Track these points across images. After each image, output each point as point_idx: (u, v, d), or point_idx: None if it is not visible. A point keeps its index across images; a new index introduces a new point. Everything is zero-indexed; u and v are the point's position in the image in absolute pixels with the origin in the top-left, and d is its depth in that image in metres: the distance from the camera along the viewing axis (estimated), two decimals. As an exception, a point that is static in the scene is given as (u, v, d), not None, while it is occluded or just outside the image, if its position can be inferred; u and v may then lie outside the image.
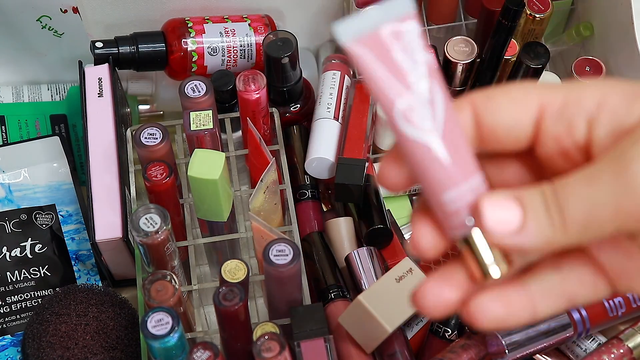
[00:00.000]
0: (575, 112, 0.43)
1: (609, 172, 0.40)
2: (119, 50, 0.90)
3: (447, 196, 0.42)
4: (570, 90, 0.44)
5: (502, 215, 0.41)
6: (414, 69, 0.42)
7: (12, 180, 0.90)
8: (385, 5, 0.43)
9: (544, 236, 0.41)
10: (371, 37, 0.42)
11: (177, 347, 0.72)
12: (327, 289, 0.83)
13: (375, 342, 0.77)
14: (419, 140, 0.42)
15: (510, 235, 0.41)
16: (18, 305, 0.84)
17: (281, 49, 0.88)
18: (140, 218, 0.76)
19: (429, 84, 0.42)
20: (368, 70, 0.42)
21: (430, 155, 0.42)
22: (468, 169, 0.43)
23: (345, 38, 0.42)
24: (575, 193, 0.40)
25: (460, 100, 0.45)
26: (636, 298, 0.75)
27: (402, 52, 0.42)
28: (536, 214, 0.41)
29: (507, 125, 0.44)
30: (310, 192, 0.89)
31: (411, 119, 0.42)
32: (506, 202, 0.41)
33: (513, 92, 0.44)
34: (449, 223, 0.43)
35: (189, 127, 0.81)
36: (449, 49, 0.88)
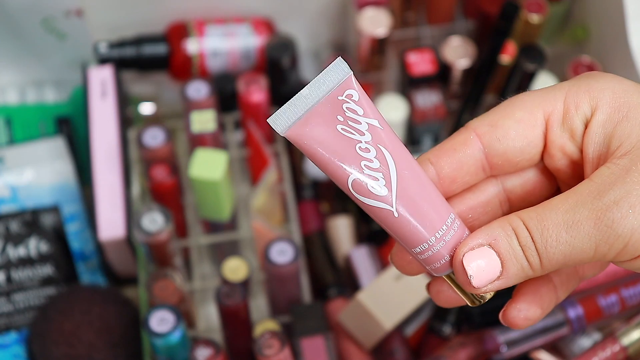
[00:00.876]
0: (575, 118, 0.44)
1: (588, 220, 0.41)
2: (123, 52, 0.90)
3: (417, 249, 0.43)
4: (567, 94, 0.44)
5: (482, 268, 0.42)
6: (359, 139, 0.42)
7: (16, 181, 0.90)
8: (318, 81, 0.42)
9: (521, 277, 0.42)
10: (308, 121, 0.42)
11: (179, 344, 0.72)
12: (326, 287, 0.84)
13: (374, 340, 0.77)
14: (378, 207, 0.42)
15: (491, 282, 0.42)
16: (23, 304, 0.85)
17: (282, 50, 0.88)
18: (143, 218, 0.77)
19: (376, 152, 0.42)
20: (312, 155, 0.42)
21: (393, 218, 0.42)
22: (435, 219, 0.43)
23: (280, 129, 0.42)
24: (553, 237, 0.41)
25: (464, 131, 0.45)
26: (631, 296, 0.76)
27: (344, 125, 0.42)
28: (514, 260, 0.42)
29: (518, 148, 0.44)
30: (310, 192, 0.90)
31: (365, 191, 0.42)
32: (483, 254, 0.42)
33: (517, 113, 0.44)
34: (427, 268, 0.44)
35: (191, 128, 0.82)
36: (447, 50, 0.89)
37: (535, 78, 0.84)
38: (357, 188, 0.42)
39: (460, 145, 0.45)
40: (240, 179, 0.90)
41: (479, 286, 0.42)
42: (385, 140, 0.42)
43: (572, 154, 0.44)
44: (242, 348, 0.76)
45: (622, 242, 0.41)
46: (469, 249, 0.42)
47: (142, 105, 0.93)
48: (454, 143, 0.45)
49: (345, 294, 0.83)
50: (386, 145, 0.42)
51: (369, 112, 0.42)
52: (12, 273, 0.85)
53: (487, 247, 0.42)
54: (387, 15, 0.89)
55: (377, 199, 0.42)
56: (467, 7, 0.96)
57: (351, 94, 0.42)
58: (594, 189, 0.41)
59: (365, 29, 0.88)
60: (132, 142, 0.87)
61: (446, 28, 0.95)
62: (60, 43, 0.93)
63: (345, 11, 0.96)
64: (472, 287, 0.42)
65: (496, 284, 0.42)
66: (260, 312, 0.85)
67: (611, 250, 0.41)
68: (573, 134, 0.44)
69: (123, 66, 0.91)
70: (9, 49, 0.94)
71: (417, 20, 0.95)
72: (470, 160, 0.45)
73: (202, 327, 0.82)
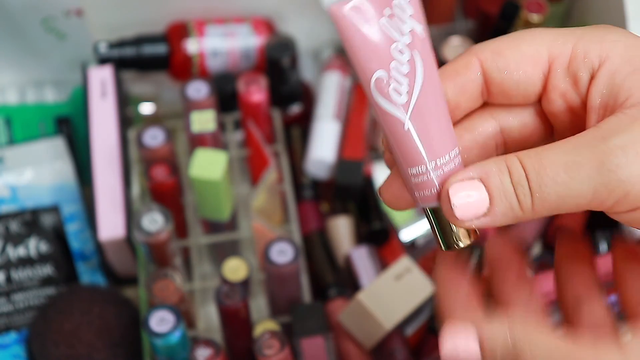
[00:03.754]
0: (581, 66, 0.43)
1: (590, 162, 0.39)
2: (123, 52, 0.90)
3: (413, 170, 0.42)
4: (579, 40, 0.43)
5: (469, 200, 0.40)
6: (398, 38, 0.40)
7: (16, 181, 0.90)
8: None
9: (510, 217, 0.41)
10: (357, 3, 0.40)
11: (179, 344, 0.72)
12: (327, 287, 0.84)
13: (374, 340, 0.77)
14: (392, 113, 0.41)
15: (476, 218, 0.40)
16: (23, 304, 0.85)
17: (282, 50, 0.88)
18: (143, 218, 0.77)
19: (410, 56, 0.41)
20: (348, 38, 0.40)
21: (401, 129, 0.41)
22: (441, 145, 0.42)
23: (328, 1, 0.40)
24: (550, 176, 0.40)
25: (467, 55, 0.44)
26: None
27: (389, 19, 0.40)
28: (503, 197, 0.40)
29: (516, 81, 0.43)
30: (310, 192, 0.90)
31: (386, 92, 0.41)
32: (472, 186, 0.40)
33: (523, 46, 0.43)
34: (414, 194, 0.43)
35: (191, 128, 0.82)
36: (446, 50, 0.89)
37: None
38: (379, 86, 0.41)
39: (462, 69, 0.43)
40: (240, 179, 0.90)
41: (462, 219, 0.40)
42: (422, 48, 0.41)
43: (573, 102, 0.43)
44: (242, 348, 0.76)
45: (624, 189, 0.39)
46: (458, 179, 0.41)
47: (142, 105, 0.94)
48: (456, 67, 0.44)
49: (345, 294, 0.83)
50: (422, 53, 0.41)
51: (417, 15, 0.41)
52: (12, 273, 0.85)
53: (477, 180, 0.40)
54: (387, 15, 0.88)
55: (394, 104, 0.41)
56: (467, 7, 0.96)
57: None
58: (599, 133, 0.40)
59: (365, 29, 0.88)
60: (132, 142, 0.87)
61: (446, 28, 0.95)
62: (60, 43, 0.93)
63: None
64: (455, 218, 0.41)
65: (482, 220, 0.40)
66: (260, 312, 0.85)
67: (610, 196, 0.39)
68: (576, 82, 0.43)
69: (123, 66, 0.91)
70: (9, 49, 0.94)
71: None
72: (472, 84, 0.44)
73: (202, 327, 0.82)
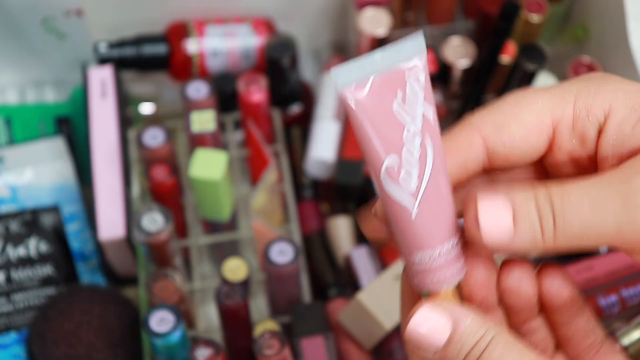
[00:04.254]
0: (587, 124, 0.42)
1: (615, 198, 0.39)
2: (123, 52, 0.90)
3: (416, 258, 0.42)
4: (578, 98, 0.42)
5: (495, 221, 0.40)
6: (410, 123, 0.40)
7: (16, 181, 0.90)
8: (394, 49, 0.40)
9: (531, 244, 0.40)
10: (370, 85, 0.39)
11: (179, 344, 0.72)
12: (327, 287, 0.84)
13: (374, 340, 0.77)
14: (399, 201, 0.40)
15: (498, 240, 0.40)
16: (23, 304, 0.85)
17: (282, 50, 0.88)
18: (143, 218, 0.77)
19: (422, 141, 0.40)
20: (358, 124, 0.40)
21: (408, 217, 0.41)
22: (445, 233, 0.41)
23: (340, 83, 0.39)
24: (575, 207, 0.39)
25: (468, 130, 0.43)
26: (631, 296, 0.76)
27: (401, 103, 0.40)
28: (527, 223, 0.40)
29: (522, 151, 0.43)
30: (310, 192, 0.90)
31: (396, 178, 0.40)
32: (499, 207, 0.40)
33: (525, 115, 0.42)
34: (414, 279, 0.43)
35: (191, 128, 0.82)
36: (447, 50, 0.89)
37: (535, 78, 0.84)
38: (390, 173, 0.40)
39: (464, 146, 0.43)
40: (240, 179, 0.90)
41: (485, 238, 0.40)
42: (433, 133, 0.40)
43: (578, 157, 0.43)
44: (242, 348, 0.76)
45: None
46: (487, 200, 0.40)
47: (142, 105, 0.94)
48: (458, 144, 0.43)
49: (345, 294, 0.83)
50: (432, 138, 0.40)
51: (429, 99, 0.40)
52: (12, 273, 0.85)
53: (504, 204, 0.40)
54: (387, 15, 0.89)
55: (404, 190, 0.40)
56: (467, 7, 0.96)
57: (419, 73, 0.40)
58: (620, 174, 0.40)
59: (365, 29, 0.88)
60: (132, 142, 0.87)
61: (446, 28, 0.95)
62: (60, 43, 0.93)
63: (345, 11, 0.96)
64: (479, 236, 0.40)
65: (502, 244, 0.40)
66: (260, 312, 0.85)
67: (634, 235, 0.39)
68: (584, 140, 0.43)
69: (123, 66, 0.91)
70: (9, 49, 0.94)
71: (417, 20, 0.95)
72: (475, 162, 0.43)
73: (202, 327, 0.83)
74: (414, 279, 0.43)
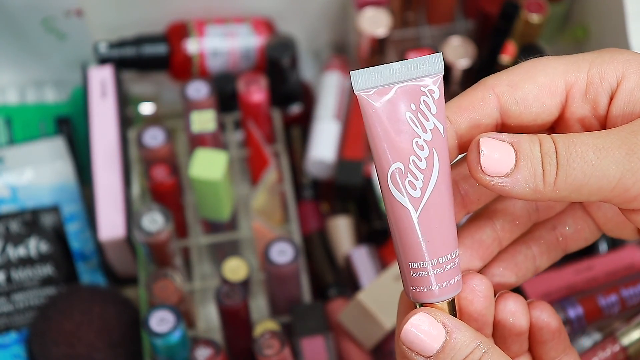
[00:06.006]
0: (600, 90, 0.43)
1: (620, 148, 0.40)
2: (123, 52, 0.90)
3: (413, 265, 0.42)
4: (592, 65, 0.43)
5: (496, 156, 0.40)
6: (420, 134, 0.41)
7: (16, 181, 0.90)
8: (413, 62, 0.41)
9: (530, 186, 0.40)
10: (386, 93, 0.41)
11: (179, 344, 0.72)
12: (327, 287, 0.84)
13: (374, 340, 0.77)
14: (402, 205, 0.41)
15: (498, 176, 0.40)
16: (23, 304, 0.85)
17: (282, 50, 0.88)
18: (143, 218, 0.77)
19: (429, 153, 0.41)
20: (373, 126, 0.41)
21: (408, 223, 0.42)
22: (444, 244, 0.42)
23: (357, 86, 0.41)
24: (579, 153, 0.40)
25: (483, 88, 0.44)
26: (631, 296, 0.76)
27: (413, 115, 0.41)
28: (529, 162, 0.40)
29: (535, 113, 0.43)
30: (310, 192, 0.90)
31: (401, 184, 0.41)
32: (502, 145, 0.40)
33: (539, 77, 0.43)
34: (409, 288, 0.43)
35: (191, 128, 0.82)
36: (447, 50, 0.89)
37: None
38: (394, 179, 0.41)
39: (478, 103, 0.43)
40: (240, 179, 0.90)
41: (485, 170, 0.40)
42: (441, 148, 0.42)
43: (591, 125, 0.44)
44: (242, 348, 0.76)
45: None
46: (490, 137, 0.40)
47: (142, 105, 0.94)
48: (472, 100, 0.44)
49: (345, 294, 0.83)
50: (439, 153, 0.41)
51: (440, 116, 0.42)
52: (12, 273, 0.85)
53: (507, 143, 0.40)
54: (387, 15, 0.89)
55: (407, 197, 0.41)
56: (467, 7, 0.96)
57: (434, 90, 0.41)
58: (628, 128, 0.40)
59: (365, 29, 0.88)
60: (132, 142, 0.88)
61: (446, 28, 0.95)
62: (60, 43, 0.93)
63: (345, 11, 0.96)
64: (479, 170, 0.40)
65: (502, 180, 0.40)
66: (260, 312, 0.85)
67: (635, 186, 0.40)
68: (596, 106, 0.43)
69: (123, 66, 0.91)
70: (9, 49, 0.94)
71: (417, 20, 0.95)
72: (488, 119, 0.44)
73: (202, 327, 0.83)
74: (410, 287, 0.43)
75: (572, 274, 0.79)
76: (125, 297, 0.84)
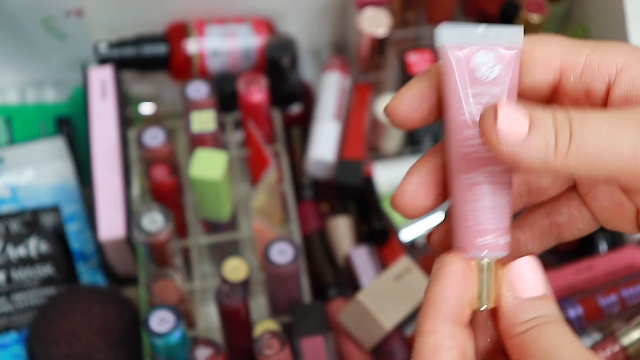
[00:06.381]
0: (596, 76, 0.43)
1: (635, 124, 0.39)
2: (123, 52, 0.90)
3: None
4: (593, 52, 0.43)
5: (511, 123, 0.39)
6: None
7: (16, 181, 0.90)
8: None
9: (541, 156, 0.40)
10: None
11: (179, 344, 0.72)
12: (327, 287, 0.84)
13: (374, 340, 0.77)
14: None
15: (510, 142, 0.39)
16: (23, 304, 0.85)
17: (282, 50, 0.88)
18: (143, 218, 0.77)
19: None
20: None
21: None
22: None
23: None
24: (593, 127, 0.39)
25: None
26: (631, 296, 0.76)
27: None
28: (542, 131, 0.40)
29: (525, 86, 0.43)
30: (310, 192, 0.90)
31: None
32: (517, 111, 0.40)
33: (535, 52, 0.43)
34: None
35: (191, 128, 0.82)
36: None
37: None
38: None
39: None
40: (240, 179, 0.90)
41: (499, 136, 0.39)
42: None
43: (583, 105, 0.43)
44: (242, 348, 0.76)
45: None
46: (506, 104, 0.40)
47: (142, 105, 0.94)
48: None
49: (345, 294, 0.83)
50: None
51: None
52: (12, 273, 0.85)
53: (521, 111, 0.40)
54: (387, 15, 0.89)
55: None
56: (467, 7, 0.96)
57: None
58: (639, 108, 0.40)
59: (365, 29, 0.88)
60: (132, 142, 0.88)
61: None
62: (60, 43, 0.93)
63: (345, 11, 0.96)
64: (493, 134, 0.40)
65: (514, 148, 0.39)
66: (260, 312, 0.85)
67: None
68: (589, 92, 0.43)
69: (123, 66, 0.91)
70: (9, 49, 0.94)
71: (417, 20, 0.95)
72: None
73: (202, 327, 0.83)
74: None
75: (572, 274, 0.79)
76: (125, 297, 0.84)
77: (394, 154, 0.93)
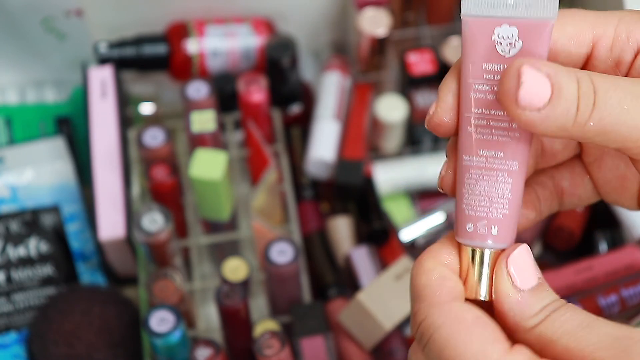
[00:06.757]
0: (626, 47, 0.43)
1: None
2: (123, 52, 0.90)
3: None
4: (619, 22, 0.43)
5: (533, 88, 0.39)
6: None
7: (16, 181, 0.90)
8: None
9: (559, 124, 0.39)
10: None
11: (179, 344, 0.72)
12: (327, 287, 0.84)
13: (373, 340, 0.77)
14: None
15: (531, 108, 0.39)
16: (23, 304, 0.85)
17: (282, 50, 0.88)
18: (143, 218, 0.77)
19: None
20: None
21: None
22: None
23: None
24: (616, 98, 0.39)
25: None
26: (631, 296, 0.76)
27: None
28: (564, 101, 0.39)
29: (559, 61, 0.43)
30: (310, 192, 0.90)
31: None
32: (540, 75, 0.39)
33: (567, 26, 0.43)
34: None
35: (191, 128, 0.82)
36: (447, 50, 0.89)
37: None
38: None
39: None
40: (240, 179, 0.90)
41: (520, 102, 0.39)
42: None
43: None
44: (242, 348, 0.77)
45: None
46: (531, 63, 0.39)
47: (142, 105, 0.94)
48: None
49: (345, 294, 0.83)
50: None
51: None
52: (12, 273, 0.85)
53: (544, 76, 0.39)
54: (387, 15, 0.89)
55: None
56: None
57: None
58: None
59: (365, 29, 0.88)
60: (132, 142, 0.88)
61: (446, 28, 0.95)
62: (60, 43, 0.93)
63: (345, 11, 0.97)
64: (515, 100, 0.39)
65: (533, 114, 0.39)
66: (260, 312, 0.85)
67: None
68: (619, 63, 0.43)
69: (123, 66, 0.91)
70: (9, 49, 0.94)
71: (417, 20, 0.95)
72: None
73: (202, 327, 0.83)
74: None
75: (572, 274, 0.79)
76: (125, 297, 0.84)
77: (394, 154, 0.93)
